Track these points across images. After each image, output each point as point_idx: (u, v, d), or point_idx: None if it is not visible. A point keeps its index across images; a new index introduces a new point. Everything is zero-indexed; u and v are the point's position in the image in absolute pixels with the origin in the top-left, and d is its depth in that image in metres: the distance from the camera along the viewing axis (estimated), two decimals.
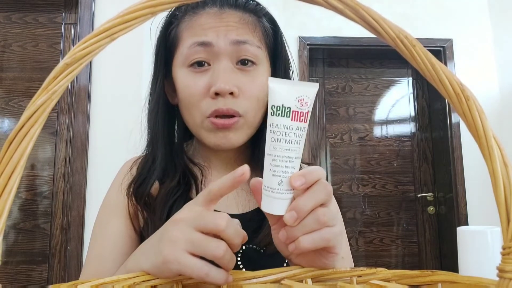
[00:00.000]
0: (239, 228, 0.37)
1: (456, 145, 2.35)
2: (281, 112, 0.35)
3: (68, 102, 1.92)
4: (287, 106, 0.35)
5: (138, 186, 0.58)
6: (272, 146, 0.36)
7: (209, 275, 0.34)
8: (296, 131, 0.35)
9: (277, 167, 0.35)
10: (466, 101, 0.24)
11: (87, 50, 0.24)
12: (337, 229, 0.36)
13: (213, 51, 0.56)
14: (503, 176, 0.23)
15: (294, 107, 0.35)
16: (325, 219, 0.35)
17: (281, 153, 0.35)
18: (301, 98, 0.35)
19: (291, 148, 0.35)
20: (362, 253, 2.44)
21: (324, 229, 0.35)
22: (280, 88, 0.36)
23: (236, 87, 0.55)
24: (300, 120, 0.35)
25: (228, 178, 0.36)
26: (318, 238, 0.35)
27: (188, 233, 0.35)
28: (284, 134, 0.35)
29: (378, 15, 0.26)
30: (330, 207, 0.37)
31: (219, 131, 0.56)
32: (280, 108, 0.35)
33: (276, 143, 0.35)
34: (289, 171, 0.35)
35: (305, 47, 2.39)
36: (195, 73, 0.57)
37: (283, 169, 0.35)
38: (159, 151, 0.60)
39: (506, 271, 0.23)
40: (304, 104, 0.35)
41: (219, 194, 0.37)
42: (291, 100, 0.35)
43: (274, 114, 0.36)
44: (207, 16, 0.57)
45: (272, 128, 0.36)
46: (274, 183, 0.35)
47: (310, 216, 0.35)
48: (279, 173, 0.35)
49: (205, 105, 0.55)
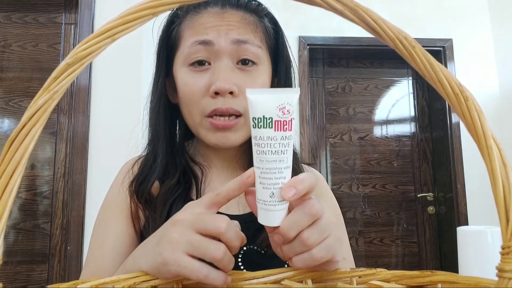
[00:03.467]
0: (238, 231, 0.37)
1: (456, 145, 2.35)
2: (263, 123, 0.34)
3: (68, 102, 1.92)
4: (269, 116, 0.34)
5: (140, 184, 0.59)
6: (258, 159, 0.35)
7: (208, 277, 0.34)
8: (281, 141, 0.34)
9: (267, 180, 0.34)
10: (465, 101, 0.24)
11: (88, 50, 0.24)
12: (329, 240, 0.36)
13: (214, 50, 0.56)
14: (502, 176, 0.23)
15: (276, 117, 0.34)
16: (310, 242, 0.34)
17: (269, 165, 0.34)
18: (282, 106, 0.34)
19: (278, 159, 0.34)
20: (362, 253, 2.44)
21: (313, 249, 0.35)
22: (260, 98, 0.34)
23: (236, 86, 0.55)
24: (284, 129, 0.34)
25: (236, 181, 0.36)
26: (309, 259, 0.35)
27: (187, 235, 0.35)
28: (269, 146, 0.34)
29: (377, 16, 0.26)
30: (320, 221, 0.36)
31: (219, 131, 0.56)
32: (262, 119, 0.34)
33: (262, 156, 0.34)
34: (279, 182, 0.34)
35: (305, 47, 2.39)
36: (195, 72, 0.57)
37: (273, 180, 0.34)
38: (160, 149, 0.60)
39: (505, 271, 0.23)
40: (286, 112, 0.34)
41: (227, 198, 0.37)
42: (272, 110, 0.34)
43: (257, 126, 0.34)
44: (208, 15, 0.57)
45: (256, 141, 0.35)
46: (265, 195, 0.35)
47: (296, 240, 0.35)
48: (269, 186, 0.34)
49: (205, 104, 0.55)
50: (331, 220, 0.36)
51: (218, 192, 0.37)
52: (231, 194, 0.36)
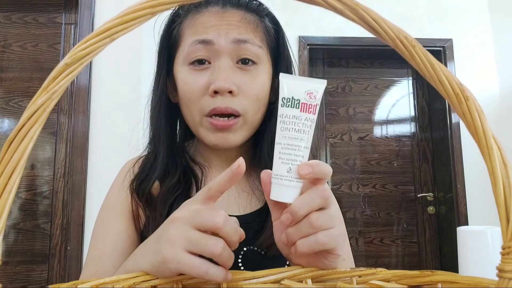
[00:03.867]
0: (237, 226, 0.37)
1: (456, 145, 2.35)
2: (290, 103, 0.37)
3: (68, 102, 1.92)
4: (297, 98, 0.37)
5: (140, 183, 0.59)
6: (281, 135, 0.37)
7: (208, 273, 0.34)
8: (305, 122, 0.37)
9: (286, 155, 0.36)
10: (465, 101, 0.24)
11: (87, 50, 0.24)
12: (335, 231, 0.36)
13: (214, 49, 0.56)
14: (502, 176, 0.23)
15: (303, 99, 0.37)
16: (318, 223, 0.35)
17: (290, 142, 0.37)
18: (310, 92, 0.37)
19: (300, 137, 0.37)
20: (362, 253, 2.44)
21: (319, 233, 0.35)
22: (291, 82, 0.38)
23: (235, 86, 0.55)
24: (309, 112, 0.37)
25: (225, 173, 0.36)
26: (314, 242, 0.35)
27: (186, 231, 0.35)
28: (294, 124, 0.37)
29: (378, 15, 0.26)
30: (329, 210, 0.37)
31: (218, 131, 0.56)
32: (290, 100, 0.37)
33: (286, 132, 0.37)
34: (297, 159, 0.36)
35: (305, 47, 2.39)
36: (195, 71, 0.57)
37: (292, 157, 0.36)
38: (161, 148, 0.60)
39: (505, 271, 0.23)
40: (313, 98, 0.37)
41: (219, 191, 0.37)
42: (300, 93, 0.37)
43: (284, 105, 0.37)
44: (209, 15, 0.58)
45: (282, 118, 0.37)
46: (283, 170, 0.36)
47: (304, 220, 0.36)
48: (288, 161, 0.36)
49: (204, 103, 0.55)
50: (338, 215, 0.38)
51: (210, 186, 0.37)
52: (223, 186, 0.37)
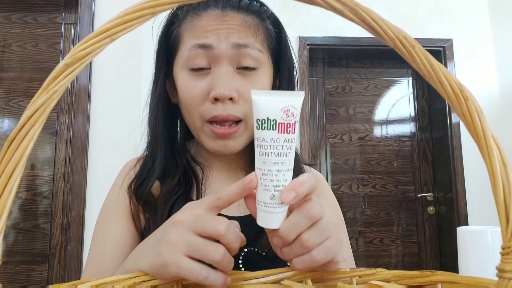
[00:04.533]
0: (238, 232, 0.37)
1: (456, 145, 2.35)
2: (267, 125, 0.34)
3: (68, 102, 1.92)
4: (273, 118, 0.34)
5: (138, 186, 0.58)
6: (261, 160, 0.35)
7: (207, 278, 0.34)
8: (284, 144, 0.34)
9: (268, 181, 0.34)
10: (465, 101, 0.24)
11: (87, 50, 0.24)
12: (330, 242, 0.36)
13: (214, 54, 0.55)
14: (502, 176, 0.23)
15: (280, 119, 0.34)
16: (309, 244, 0.34)
17: (271, 167, 0.34)
18: (286, 109, 0.34)
19: (280, 161, 0.34)
20: (362, 253, 2.44)
21: (313, 250, 0.35)
22: (264, 100, 0.35)
23: (236, 92, 0.54)
24: (288, 132, 0.34)
25: (237, 185, 0.36)
26: (309, 261, 0.35)
27: (187, 236, 0.35)
28: (272, 148, 0.34)
29: (377, 15, 0.26)
30: (320, 223, 0.35)
31: (219, 139, 0.56)
32: (266, 121, 0.34)
33: (265, 157, 0.34)
34: (280, 185, 0.34)
35: (305, 47, 2.38)
36: (195, 76, 0.56)
37: (274, 183, 0.34)
38: (159, 151, 0.60)
39: (505, 271, 0.23)
40: (290, 115, 0.34)
41: (228, 202, 0.37)
42: (276, 112, 0.34)
43: (260, 128, 0.34)
44: (208, 18, 0.57)
45: (259, 142, 0.35)
46: (266, 197, 0.35)
47: (296, 242, 0.35)
48: (270, 188, 0.34)
49: (205, 110, 0.55)
50: (331, 221, 0.36)
51: (219, 196, 0.37)
52: (232, 198, 0.36)
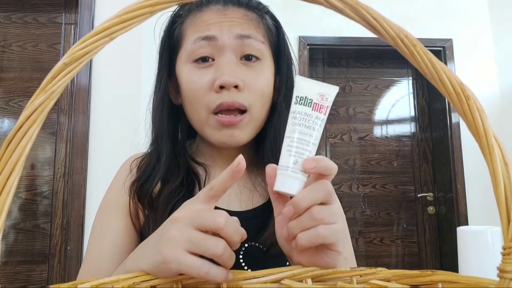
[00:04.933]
0: (238, 226, 0.37)
1: (456, 145, 2.35)
2: (303, 102, 0.39)
3: (68, 102, 1.92)
4: (310, 98, 0.39)
5: (142, 185, 0.58)
6: (291, 129, 0.39)
7: (209, 273, 0.34)
8: (315, 120, 0.39)
9: (294, 148, 0.38)
10: (466, 100, 0.24)
11: (85, 49, 0.24)
12: (336, 226, 0.37)
13: (217, 45, 0.56)
14: (503, 175, 0.23)
15: (316, 100, 0.39)
16: (319, 216, 0.36)
17: (300, 136, 0.38)
18: (322, 94, 0.39)
19: (309, 133, 0.38)
20: (362, 253, 2.44)
21: (320, 226, 0.36)
22: (306, 83, 0.40)
23: (241, 81, 0.54)
24: (320, 111, 0.39)
25: (226, 171, 0.36)
26: (314, 235, 0.36)
27: (187, 232, 0.35)
28: (304, 120, 0.38)
29: (378, 14, 0.26)
30: (331, 206, 0.37)
31: (225, 128, 0.56)
32: (303, 98, 0.39)
33: (296, 127, 0.39)
34: (305, 154, 0.38)
35: (305, 47, 2.38)
36: (199, 69, 0.57)
37: (300, 150, 0.38)
38: (164, 149, 0.59)
39: (506, 271, 0.22)
40: (325, 100, 0.39)
41: (221, 190, 0.37)
42: (313, 94, 0.39)
43: (298, 103, 0.39)
44: (211, 13, 0.58)
45: (294, 115, 0.39)
46: (289, 162, 0.38)
47: (306, 213, 0.36)
48: (295, 154, 0.38)
49: (210, 100, 0.55)
50: (340, 212, 0.39)
51: (211, 185, 0.37)
52: (225, 185, 0.37)
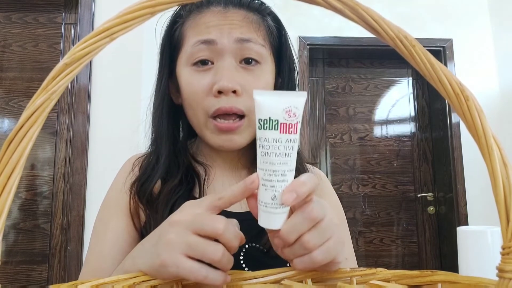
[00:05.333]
0: (237, 230, 0.37)
1: (456, 145, 2.35)
2: (269, 125, 0.34)
3: (68, 102, 1.92)
4: (275, 118, 0.34)
5: (142, 184, 0.58)
6: (262, 160, 0.35)
7: (207, 277, 0.34)
8: (286, 144, 0.34)
9: (269, 182, 0.34)
10: (465, 101, 0.24)
11: (86, 50, 0.24)
12: (331, 242, 0.35)
13: (217, 49, 0.56)
14: (502, 176, 0.23)
15: (282, 119, 0.34)
16: (310, 245, 0.34)
17: (272, 167, 0.34)
18: (288, 109, 0.34)
19: (282, 162, 0.34)
20: (362, 253, 2.44)
21: (314, 252, 0.35)
22: (266, 100, 0.35)
23: (239, 85, 0.54)
24: (289, 132, 0.34)
25: (239, 186, 0.36)
26: (309, 262, 0.35)
27: (185, 236, 0.35)
28: (274, 148, 0.34)
29: (378, 15, 0.26)
30: (322, 223, 0.35)
31: (223, 133, 0.56)
32: (268, 121, 0.34)
33: (266, 157, 0.34)
34: (282, 185, 0.34)
35: (305, 47, 2.38)
36: (198, 72, 0.57)
37: (276, 183, 0.34)
38: (164, 149, 0.60)
39: (505, 271, 0.22)
40: (292, 116, 0.34)
41: (229, 202, 0.36)
42: (278, 112, 0.34)
43: (262, 128, 0.35)
44: (211, 15, 0.57)
45: (261, 142, 0.35)
46: (267, 198, 0.35)
47: (297, 243, 0.35)
48: (271, 188, 0.34)
49: (208, 104, 0.55)
50: (333, 222, 0.36)
51: (220, 196, 0.36)
52: (234, 199, 0.36)
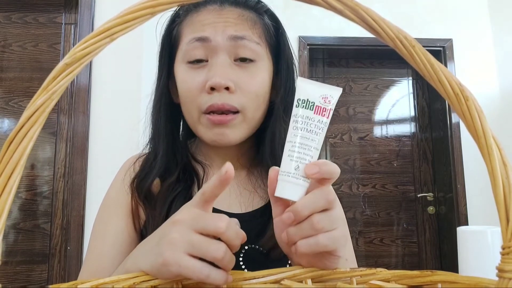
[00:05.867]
0: (238, 229, 0.37)
1: (456, 145, 2.35)
2: (305, 105, 0.38)
3: (68, 102, 1.92)
4: (312, 100, 0.38)
5: (140, 182, 0.59)
6: (293, 133, 0.38)
7: (209, 276, 0.34)
8: (317, 123, 0.37)
9: (296, 153, 0.37)
10: (465, 101, 0.24)
11: (87, 50, 0.24)
12: (337, 233, 0.36)
13: (211, 47, 0.56)
14: (502, 176, 0.23)
15: (318, 102, 0.38)
16: (319, 226, 0.35)
17: (301, 140, 0.37)
18: (325, 96, 0.38)
19: (311, 138, 0.37)
20: (362, 253, 2.44)
21: (320, 235, 0.35)
22: (307, 85, 0.39)
23: (232, 82, 0.54)
24: (322, 115, 0.38)
25: (215, 178, 0.36)
26: (314, 244, 0.35)
27: (187, 235, 0.35)
28: (306, 124, 0.37)
29: (378, 15, 0.26)
30: (332, 211, 0.37)
31: (216, 127, 0.56)
32: (305, 101, 0.38)
33: (297, 131, 0.37)
34: (306, 159, 0.37)
35: (305, 47, 2.38)
36: (193, 69, 0.57)
37: (301, 155, 0.37)
38: (161, 147, 0.60)
39: (505, 271, 0.23)
40: (327, 102, 0.38)
41: (212, 195, 0.37)
42: (316, 96, 0.38)
43: (299, 106, 0.38)
44: (207, 13, 0.58)
45: (295, 118, 0.38)
46: (291, 167, 0.37)
47: (306, 221, 0.36)
48: (297, 159, 0.37)
49: (202, 100, 0.55)
50: (341, 216, 0.38)
51: (203, 191, 0.37)
52: (215, 191, 0.37)
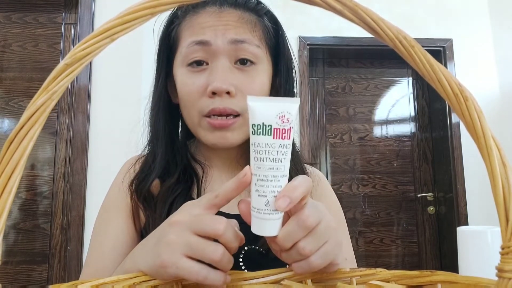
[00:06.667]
0: (237, 231, 0.37)
1: (456, 145, 2.35)
2: (262, 130, 0.34)
3: (68, 102, 1.92)
4: (268, 124, 0.34)
5: (139, 183, 0.59)
6: (256, 166, 0.35)
7: (207, 278, 0.34)
8: (279, 149, 0.34)
9: (263, 187, 0.34)
10: (464, 101, 0.24)
11: (87, 50, 0.24)
12: (328, 246, 0.35)
13: (211, 50, 0.56)
14: (501, 176, 0.23)
15: (275, 125, 0.34)
16: (306, 251, 0.34)
17: (265, 173, 0.34)
18: (282, 115, 0.34)
19: (275, 167, 0.34)
20: (362, 253, 2.44)
21: (311, 257, 0.34)
22: (260, 106, 0.35)
23: (233, 86, 0.54)
24: (283, 138, 0.34)
25: (233, 181, 0.36)
26: (307, 266, 0.35)
27: (185, 236, 0.35)
28: (267, 153, 0.34)
29: (377, 15, 0.26)
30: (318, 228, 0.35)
31: (217, 130, 0.56)
32: (261, 126, 0.34)
33: (260, 163, 0.34)
34: (275, 191, 0.34)
35: (305, 47, 2.38)
36: (193, 72, 0.57)
37: (269, 188, 0.34)
38: (160, 148, 0.60)
39: (505, 271, 0.23)
40: (286, 121, 0.34)
41: (226, 199, 0.36)
42: (271, 117, 0.34)
43: (255, 133, 0.35)
44: (206, 15, 0.57)
45: (255, 148, 0.35)
46: (261, 203, 0.34)
47: (293, 249, 0.35)
48: (264, 193, 0.34)
49: (203, 104, 0.55)
50: (330, 225, 0.36)
51: (216, 193, 0.36)
52: (229, 195, 0.36)
